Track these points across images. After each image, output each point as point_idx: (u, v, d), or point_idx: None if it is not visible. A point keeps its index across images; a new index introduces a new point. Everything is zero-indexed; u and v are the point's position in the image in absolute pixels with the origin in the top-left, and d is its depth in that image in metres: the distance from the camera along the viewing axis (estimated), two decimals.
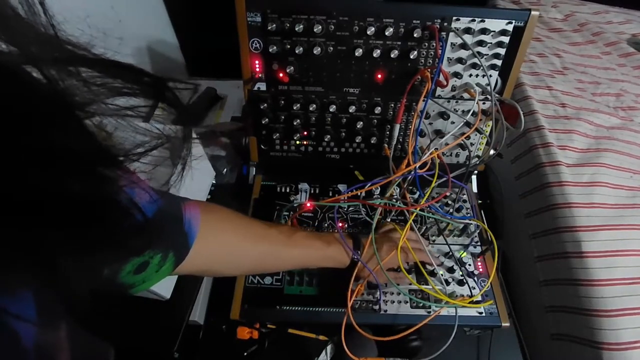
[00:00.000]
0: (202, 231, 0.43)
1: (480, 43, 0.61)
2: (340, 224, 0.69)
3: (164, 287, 0.58)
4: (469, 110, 0.66)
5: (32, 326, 0.21)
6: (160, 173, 0.26)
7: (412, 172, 0.61)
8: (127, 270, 0.34)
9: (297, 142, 0.73)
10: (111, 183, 0.21)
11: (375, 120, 0.70)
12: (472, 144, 0.72)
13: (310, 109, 0.67)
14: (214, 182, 0.77)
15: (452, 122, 0.69)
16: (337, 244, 0.57)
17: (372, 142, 0.71)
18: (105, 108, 0.21)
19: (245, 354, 0.61)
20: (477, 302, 0.62)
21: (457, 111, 0.68)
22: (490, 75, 0.63)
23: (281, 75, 0.63)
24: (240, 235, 0.50)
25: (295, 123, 0.69)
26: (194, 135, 0.32)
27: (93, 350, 0.30)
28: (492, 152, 0.67)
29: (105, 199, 0.21)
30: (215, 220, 0.48)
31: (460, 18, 0.59)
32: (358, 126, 0.68)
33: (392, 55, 0.61)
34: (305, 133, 0.71)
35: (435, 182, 0.63)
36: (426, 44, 0.62)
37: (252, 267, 0.54)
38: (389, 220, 0.67)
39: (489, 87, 0.61)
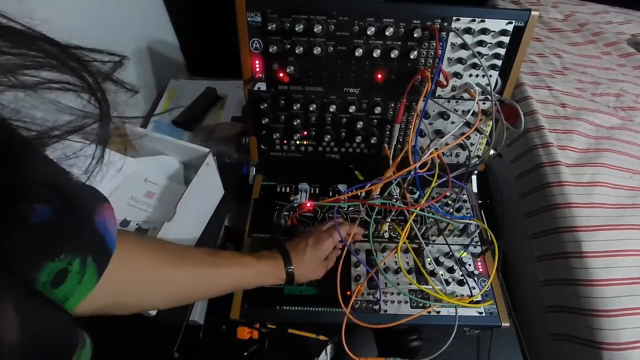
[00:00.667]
0: (115, 254, 0.37)
1: (480, 43, 0.61)
2: None
3: None
4: (469, 110, 0.66)
5: None
6: (79, 160, 0.23)
7: (412, 172, 0.61)
8: (43, 281, 0.28)
9: (297, 142, 0.73)
10: (13, 167, 0.19)
11: (375, 120, 0.70)
12: (472, 144, 0.72)
13: (310, 109, 0.67)
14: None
15: (452, 122, 0.69)
16: (268, 258, 0.55)
17: (372, 142, 0.71)
18: (16, 81, 0.19)
19: (245, 354, 0.61)
20: (477, 302, 0.62)
21: (457, 111, 0.68)
22: (490, 75, 0.63)
23: (281, 75, 0.63)
24: (158, 260, 0.44)
25: (295, 123, 0.69)
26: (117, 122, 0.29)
27: (55, 331, 0.27)
28: (492, 152, 0.67)
29: (4, 185, 0.19)
30: (129, 243, 0.41)
31: (460, 18, 0.59)
32: (358, 126, 0.68)
33: (392, 55, 0.61)
34: (305, 133, 0.71)
35: (435, 182, 0.63)
36: (426, 44, 0.62)
37: (175, 295, 0.47)
38: (388, 220, 0.67)
39: (489, 87, 0.61)
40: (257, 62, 0.63)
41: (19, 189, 0.20)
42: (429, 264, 0.65)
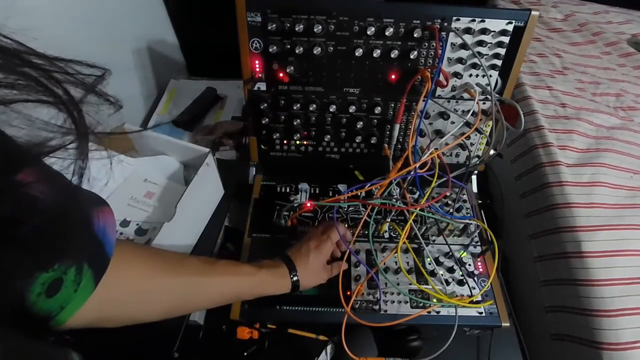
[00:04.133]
0: (110, 263, 0.36)
1: (480, 43, 0.61)
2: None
3: None
4: (469, 110, 0.66)
5: None
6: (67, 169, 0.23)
7: (412, 172, 0.61)
8: (37, 292, 0.27)
9: (297, 142, 0.73)
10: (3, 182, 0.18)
11: (375, 120, 0.70)
12: (472, 144, 0.72)
13: (310, 109, 0.67)
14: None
15: (452, 122, 0.69)
16: (270, 267, 0.54)
17: (372, 142, 0.71)
18: None
19: (245, 354, 0.61)
20: (477, 302, 0.62)
21: (457, 111, 0.68)
22: (490, 75, 0.63)
23: (281, 75, 0.63)
24: (152, 269, 0.43)
25: (295, 123, 0.69)
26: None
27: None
28: (492, 152, 0.67)
29: None
30: (124, 252, 0.40)
31: (460, 18, 0.59)
32: (358, 126, 0.68)
33: (392, 55, 0.61)
34: (305, 133, 0.71)
35: (435, 182, 0.63)
36: (426, 44, 0.61)
37: (169, 306, 0.46)
38: (388, 220, 0.67)
39: (489, 87, 0.61)
40: (257, 62, 0.63)
41: (6, 198, 0.20)
42: (429, 264, 0.65)
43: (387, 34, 0.59)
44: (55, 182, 0.24)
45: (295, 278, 0.54)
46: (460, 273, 0.64)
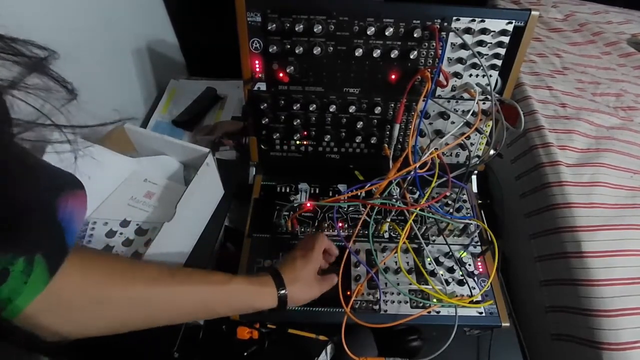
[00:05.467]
0: (64, 268, 0.33)
1: (480, 43, 0.61)
2: (340, 224, 0.69)
3: None
4: (469, 110, 0.66)
5: None
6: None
7: (412, 172, 0.61)
8: None
9: (297, 142, 0.73)
10: None
11: (375, 120, 0.70)
12: (472, 144, 0.72)
13: (310, 109, 0.67)
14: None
15: (452, 122, 0.69)
16: (251, 277, 0.50)
17: (372, 142, 0.71)
18: None
19: (245, 354, 0.61)
20: (477, 302, 0.62)
21: (457, 111, 0.68)
22: (490, 75, 0.63)
23: (281, 75, 0.63)
24: (107, 277, 0.39)
25: (295, 123, 0.69)
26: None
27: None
28: (492, 152, 0.67)
29: None
30: (78, 257, 0.36)
31: (460, 18, 0.59)
32: (358, 126, 0.68)
33: (392, 55, 0.61)
34: (305, 133, 0.71)
35: (435, 182, 0.63)
36: (426, 44, 0.61)
37: (124, 319, 0.41)
38: (388, 220, 0.67)
39: (489, 87, 0.61)
40: (257, 62, 0.63)
41: None
42: (429, 264, 0.65)
43: (387, 34, 0.59)
44: (26, 159, 0.23)
45: (282, 291, 0.50)
46: (460, 273, 0.64)
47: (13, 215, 0.26)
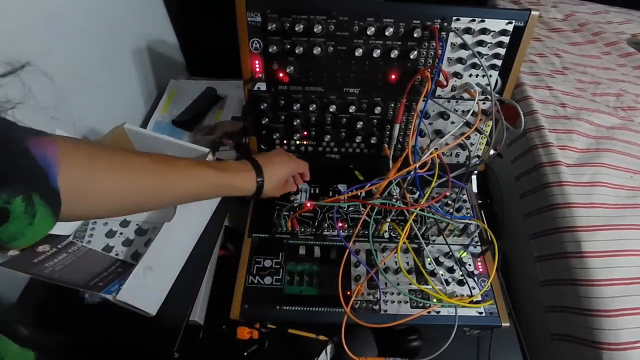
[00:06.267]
0: (66, 173, 0.34)
1: (480, 43, 0.61)
2: (340, 224, 0.69)
3: (150, 304, 0.56)
4: (469, 110, 0.66)
5: None
6: None
7: (412, 172, 0.61)
8: None
9: (297, 142, 0.73)
10: None
11: (375, 120, 0.70)
12: (472, 144, 0.72)
13: (310, 109, 0.67)
14: None
15: (452, 122, 0.69)
16: (236, 171, 0.55)
17: (372, 142, 0.71)
18: None
19: (245, 354, 0.61)
20: (477, 302, 0.62)
21: (457, 111, 0.68)
22: (490, 75, 0.63)
23: (281, 75, 0.63)
24: (112, 171, 0.41)
25: (295, 123, 0.69)
26: None
27: None
28: (492, 152, 0.67)
29: None
30: (65, 152, 0.37)
31: (460, 18, 0.59)
32: (358, 126, 0.68)
33: (392, 55, 0.61)
34: (305, 133, 0.71)
35: (435, 182, 0.63)
36: (426, 44, 0.61)
37: (119, 205, 0.44)
38: (388, 220, 0.67)
39: (489, 87, 0.61)
40: (257, 62, 0.63)
41: None
42: (429, 264, 0.65)
43: (387, 34, 0.59)
44: None
45: (260, 180, 0.56)
46: (460, 273, 0.64)
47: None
